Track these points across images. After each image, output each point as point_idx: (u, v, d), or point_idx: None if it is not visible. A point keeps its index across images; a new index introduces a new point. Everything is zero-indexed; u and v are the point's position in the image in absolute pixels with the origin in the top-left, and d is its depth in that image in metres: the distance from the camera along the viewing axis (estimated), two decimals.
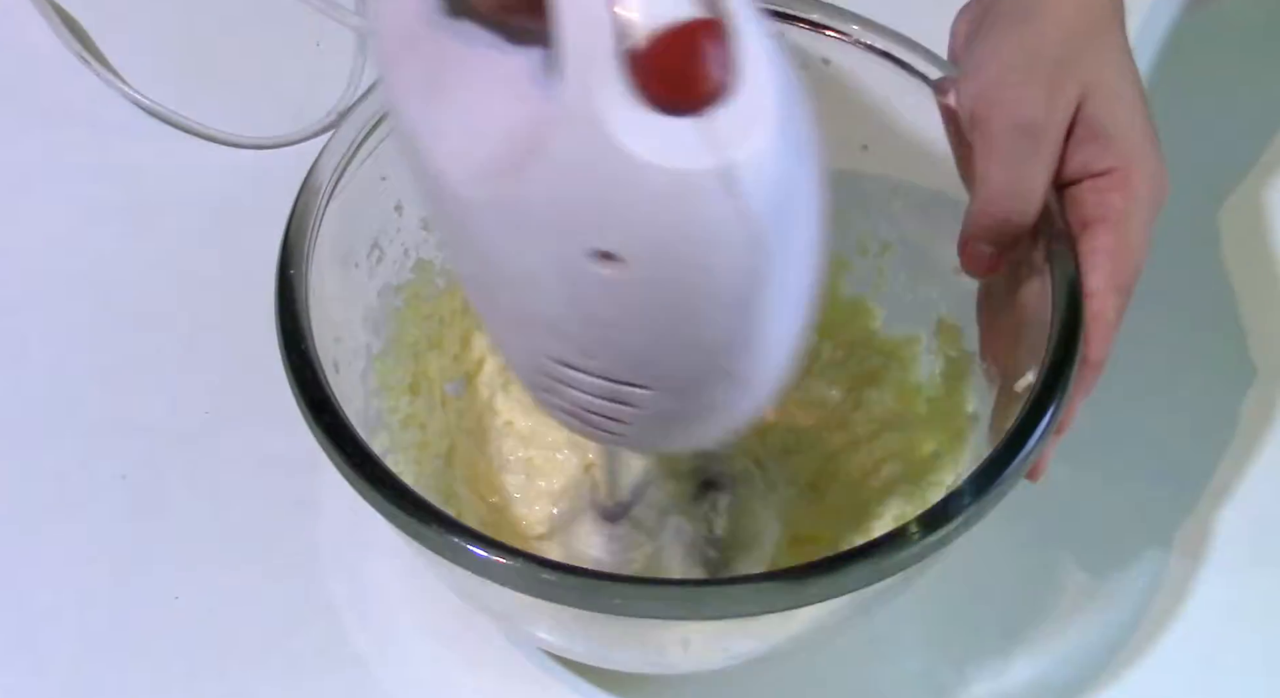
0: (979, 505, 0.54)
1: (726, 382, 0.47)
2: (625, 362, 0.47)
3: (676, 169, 0.40)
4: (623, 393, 0.48)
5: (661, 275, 0.43)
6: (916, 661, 0.70)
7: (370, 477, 0.54)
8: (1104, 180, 0.60)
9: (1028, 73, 0.59)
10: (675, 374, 0.47)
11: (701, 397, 0.48)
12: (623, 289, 0.43)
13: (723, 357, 0.46)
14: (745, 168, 0.40)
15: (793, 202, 0.44)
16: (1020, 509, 0.71)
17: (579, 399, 0.49)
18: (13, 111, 0.92)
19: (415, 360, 0.70)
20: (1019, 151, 0.59)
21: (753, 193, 0.41)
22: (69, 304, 0.82)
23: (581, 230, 0.43)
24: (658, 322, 0.45)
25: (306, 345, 0.57)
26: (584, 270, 0.43)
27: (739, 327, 0.45)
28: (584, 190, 0.42)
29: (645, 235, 0.42)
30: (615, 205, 0.42)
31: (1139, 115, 0.61)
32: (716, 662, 0.64)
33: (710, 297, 0.44)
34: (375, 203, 0.66)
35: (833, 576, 0.52)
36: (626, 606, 0.52)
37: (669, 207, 0.41)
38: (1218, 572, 0.72)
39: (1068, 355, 0.57)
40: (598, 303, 0.45)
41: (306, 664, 0.69)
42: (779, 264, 0.44)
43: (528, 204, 0.44)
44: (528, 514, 0.71)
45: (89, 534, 0.73)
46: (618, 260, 0.42)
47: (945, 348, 0.71)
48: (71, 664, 0.69)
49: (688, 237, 0.42)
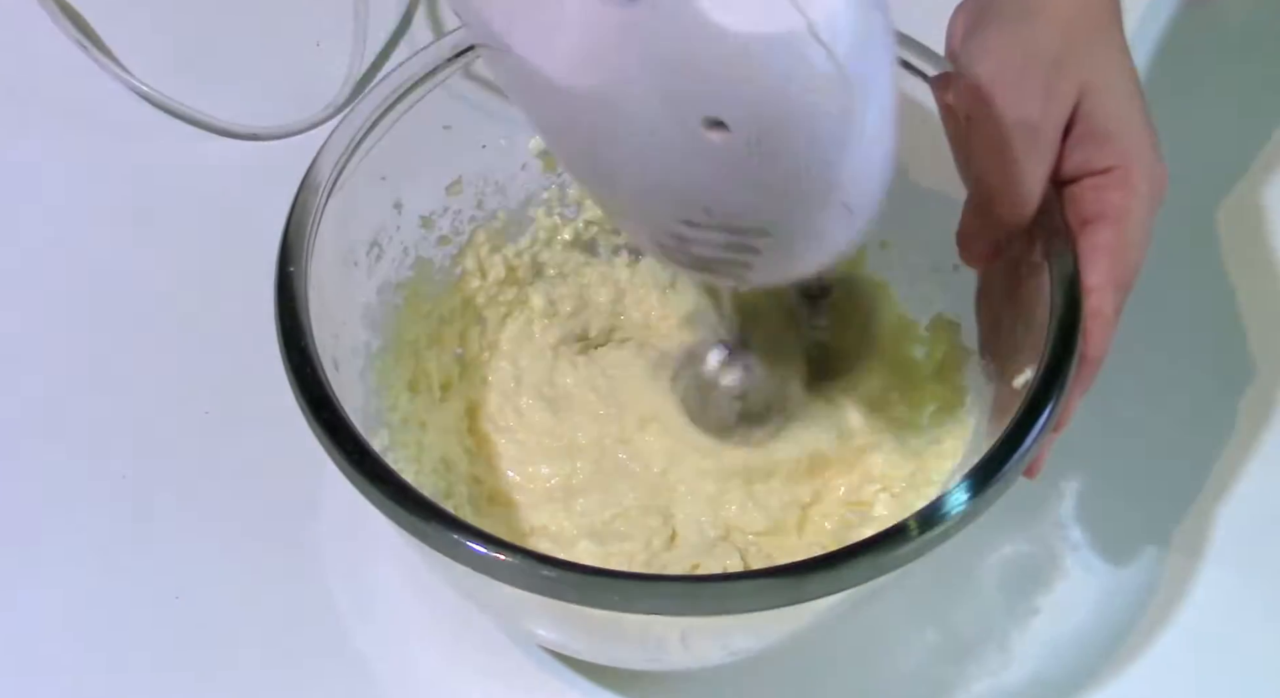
0: (976, 502, 0.54)
1: (837, 214, 0.51)
2: (745, 214, 0.51)
3: (770, 33, 0.43)
4: (744, 242, 0.52)
5: (769, 132, 0.46)
6: (915, 658, 0.70)
7: (369, 474, 0.54)
8: (1103, 178, 0.60)
9: (1024, 71, 0.59)
10: (790, 217, 0.51)
11: (814, 231, 0.52)
12: (735, 151, 0.47)
13: (833, 193, 0.50)
14: (831, 18, 0.43)
15: (873, 38, 0.46)
16: (1019, 508, 0.72)
17: (703, 253, 0.54)
18: (12, 102, 0.92)
19: (415, 358, 0.70)
20: (1016, 149, 0.59)
21: (841, 39, 0.44)
22: (69, 302, 0.82)
23: (687, 104, 0.46)
24: (772, 173, 0.48)
25: (306, 343, 0.57)
26: (697, 141, 0.47)
27: (844, 163, 0.48)
28: (683, 68, 0.45)
29: (749, 99, 0.45)
30: (716, 77, 0.45)
31: (1137, 113, 0.61)
32: (715, 659, 0.64)
33: (815, 142, 0.47)
34: (375, 200, 0.67)
35: (831, 572, 0.52)
36: (625, 602, 0.52)
37: (768, 69, 0.44)
38: (1217, 571, 0.72)
39: (1065, 353, 0.57)
40: (714, 167, 0.48)
41: (306, 664, 0.69)
42: (871, 99, 0.47)
43: (631, 87, 0.47)
44: (529, 516, 0.71)
45: (89, 534, 0.73)
46: (727, 127, 0.46)
47: (942, 343, 0.71)
48: (72, 664, 0.69)
49: (788, 94, 0.45)
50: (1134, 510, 0.74)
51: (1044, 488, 0.74)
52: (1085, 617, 0.71)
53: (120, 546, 0.73)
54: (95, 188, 0.88)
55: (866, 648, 0.69)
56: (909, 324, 0.73)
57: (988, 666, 0.69)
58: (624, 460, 0.71)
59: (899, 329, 0.73)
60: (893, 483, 0.70)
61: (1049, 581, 0.72)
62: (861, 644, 0.69)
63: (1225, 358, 0.80)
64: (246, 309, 0.63)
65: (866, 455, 0.72)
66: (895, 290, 0.74)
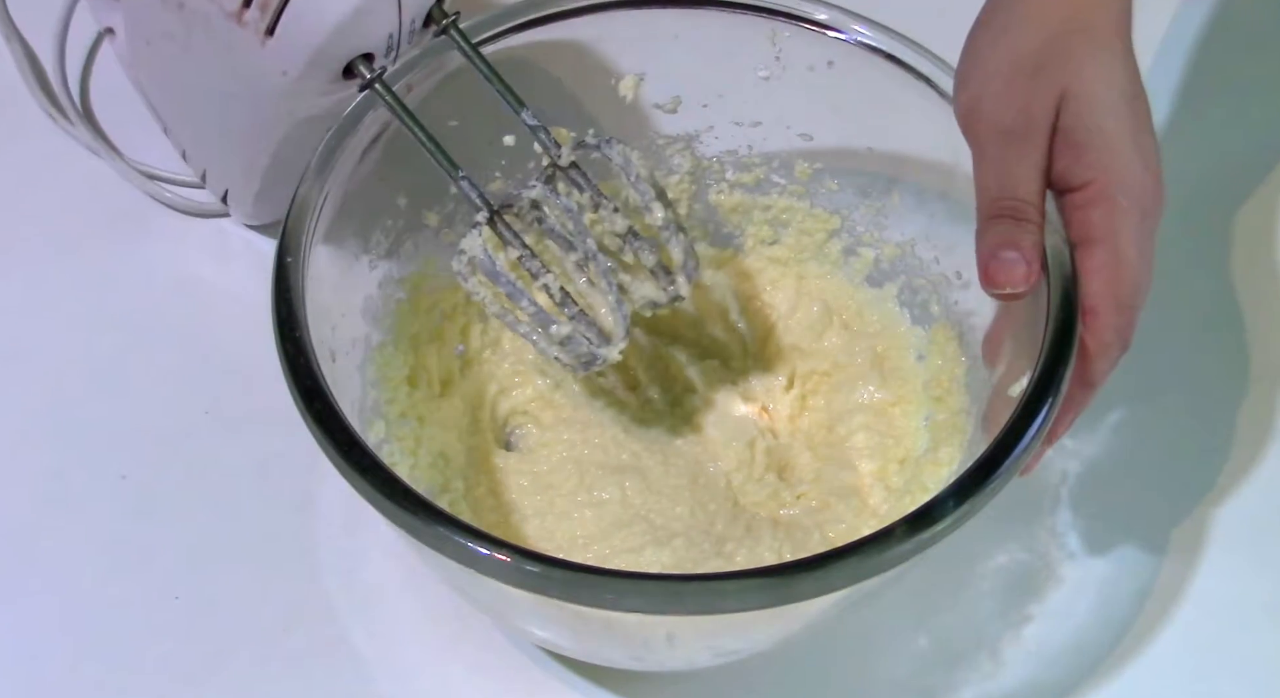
0: (965, 507, 0.53)
1: None
2: None
3: None
4: None
5: None
6: (909, 662, 0.69)
7: (359, 465, 0.54)
8: (1081, 195, 0.59)
9: (1008, 80, 0.59)
10: None
11: None
12: None
13: None
14: None
15: None
16: (1014, 515, 0.72)
17: None
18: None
19: (415, 352, 0.71)
20: (1005, 156, 0.58)
21: None
22: (69, 303, 0.82)
23: None
24: None
25: (301, 333, 0.57)
26: None
27: None
28: None
29: None
30: None
31: (1124, 123, 0.59)
32: (705, 660, 0.64)
33: None
34: (378, 193, 0.67)
35: (818, 573, 0.52)
36: (611, 599, 0.52)
37: None
38: (1215, 572, 0.72)
39: (1060, 360, 0.57)
40: None
41: (306, 663, 0.69)
42: None
43: None
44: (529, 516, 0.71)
45: (89, 534, 0.73)
46: None
47: (941, 346, 0.71)
48: (72, 664, 0.69)
49: None
50: (1129, 518, 0.74)
51: (1039, 495, 0.74)
52: (1077, 625, 0.70)
53: (120, 546, 0.73)
54: (96, 187, 0.88)
55: (859, 654, 0.69)
56: (908, 332, 0.73)
57: (979, 672, 0.69)
58: (626, 460, 0.71)
59: (898, 337, 0.74)
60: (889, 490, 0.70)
61: (1042, 588, 0.71)
62: (854, 650, 0.69)
63: (1226, 359, 0.80)
64: (248, 310, 0.63)
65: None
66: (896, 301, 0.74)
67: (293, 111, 0.68)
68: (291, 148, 0.70)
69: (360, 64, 0.63)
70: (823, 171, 0.74)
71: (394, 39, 0.64)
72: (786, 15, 0.69)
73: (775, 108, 0.72)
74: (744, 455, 0.72)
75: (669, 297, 0.68)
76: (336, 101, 0.65)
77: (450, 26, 0.65)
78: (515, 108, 0.65)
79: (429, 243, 0.71)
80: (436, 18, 0.65)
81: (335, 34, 0.61)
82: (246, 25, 0.63)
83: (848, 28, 0.68)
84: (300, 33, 0.62)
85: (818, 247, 0.76)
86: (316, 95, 0.65)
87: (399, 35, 0.64)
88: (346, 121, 0.64)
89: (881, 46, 0.68)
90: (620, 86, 0.72)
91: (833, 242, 0.75)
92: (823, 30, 0.69)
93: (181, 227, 0.85)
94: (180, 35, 0.69)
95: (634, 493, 0.70)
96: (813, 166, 0.74)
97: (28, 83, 0.90)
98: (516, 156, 0.71)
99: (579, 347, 0.65)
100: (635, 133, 0.74)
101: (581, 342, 0.65)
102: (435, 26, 0.65)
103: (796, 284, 0.77)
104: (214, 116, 0.75)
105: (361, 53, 0.63)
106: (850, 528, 0.68)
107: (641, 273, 0.68)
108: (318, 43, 0.62)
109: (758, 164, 0.75)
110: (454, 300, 0.73)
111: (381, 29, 0.63)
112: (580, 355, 0.65)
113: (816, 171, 0.74)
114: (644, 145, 0.74)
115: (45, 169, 0.88)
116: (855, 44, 0.68)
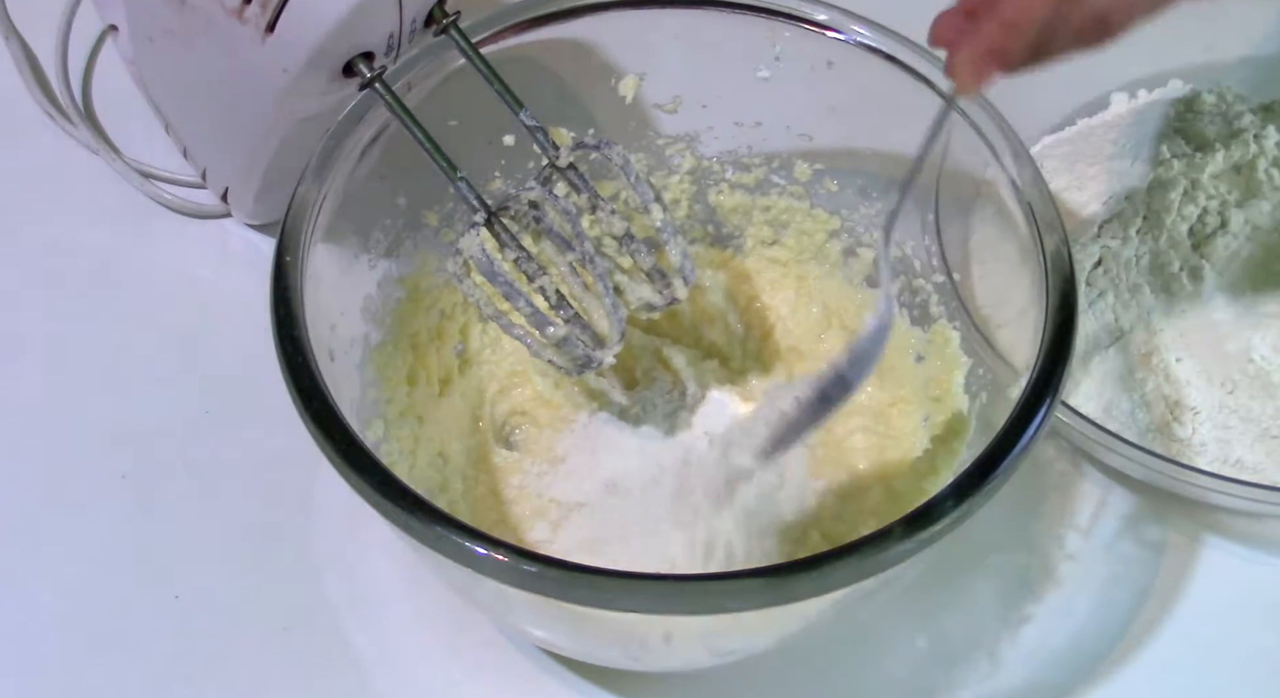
0: (963, 508, 0.53)
1: None
2: None
3: None
4: None
5: None
6: (908, 662, 0.69)
7: (358, 465, 0.54)
8: None
9: None
10: None
11: None
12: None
13: None
14: None
15: None
16: (1014, 516, 0.72)
17: None
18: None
19: (414, 352, 0.71)
20: None
21: None
22: (69, 303, 0.82)
23: None
24: None
25: (299, 332, 0.57)
26: None
27: None
28: None
29: None
30: None
31: None
32: (703, 660, 0.64)
33: None
34: (377, 192, 0.67)
35: (817, 573, 0.52)
36: (608, 599, 0.52)
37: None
38: (1214, 572, 0.72)
39: (1059, 361, 0.57)
40: None
41: (305, 663, 0.69)
42: None
43: None
44: (528, 516, 0.71)
45: (89, 534, 0.73)
46: None
47: (940, 347, 0.71)
48: (72, 664, 0.69)
49: None
50: (1129, 519, 0.74)
51: (1039, 497, 0.74)
52: (1076, 625, 0.70)
53: (120, 545, 0.73)
54: (97, 187, 0.88)
55: (858, 654, 0.69)
56: (907, 333, 0.73)
57: (978, 673, 0.69)
58: (625, 460, 0.71)
59: (897, 338, 0.73)
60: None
61: (1041, 589, 0.71)
62: (853, 650, 0.69)
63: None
64: (248, 310, 0.63)
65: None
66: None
67: (293, 110, 0.68)
68: (292, 147, 0.70)
69: (360, 63, 0.63)
70: (823, 172, 0.74)
71: (394, 38, 0.64)
72: (786, 15, 0.69)
73: (775, 108, 0.73)
74: None
75: (665, 300, 0.68)
76: (336, 100, 0.65)
77: (450, 26, 0.65)
78: (514, 108, 0.65)
79: (428, 242, 0.71)
80: (437, 17, 0.65)
81: (335, 32, 0.61)
82: (247, 22, 0.63)
83: (847, 28, 0.68)
84: (300, 30, 0.62)
85: (817, 247, 0.76)
86: (316, 93, 0.65)
87: (399, 34, 0.64)
88: (346, 121, 0.64)
89: (881, 47, 0.68)
90: (620, 86, 0.72)
91: (832, 242, 0.75)
92: (822, 30, 0.68)
93: (181, 227, 0.85)
94: (182, 32, 0.69)
95: (633, 493, 0.69)
96: (813, 167, 0.74)
97: (27, 83, 0.90)
98: (515, 157, 0.71)
99: (574, 349, 0.65)
100: (635, 133, 0.74)
101: (577, 344, 0.65)
102: (435, 26, 0.65)
103: (796, 285, 0.77)
104: (215, 114, 0.75)
105: (362, 51, 0.63)
106: (849, 528, 0.68)
107: (638, 275, 0.68)
108: (318, 40, 0.62)
109: (758, 164, 0.75)
110: (453, 300, 0.73)
111: (382, 28, 0.63)
112: (575, 358, 0.65)
113: (816, 172, 0.74)
114: (644, 145, 0.74)
115: (45, 169, 0.88)
116: (855, 44, 0.68)
